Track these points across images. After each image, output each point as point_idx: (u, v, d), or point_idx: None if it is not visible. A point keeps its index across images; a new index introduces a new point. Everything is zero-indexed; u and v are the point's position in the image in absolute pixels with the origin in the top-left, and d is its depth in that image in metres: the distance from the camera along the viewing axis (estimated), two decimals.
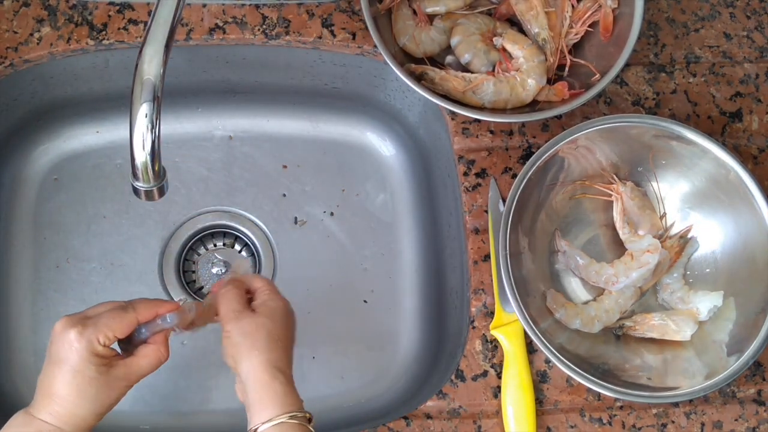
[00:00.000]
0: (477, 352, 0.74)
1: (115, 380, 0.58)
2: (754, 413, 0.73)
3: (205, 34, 0.81)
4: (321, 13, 0.82)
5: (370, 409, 0.83)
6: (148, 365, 0.60)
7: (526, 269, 0.72)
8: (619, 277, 0.73)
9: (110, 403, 0.59)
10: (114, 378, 0.58)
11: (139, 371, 0.60)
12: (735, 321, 0.71)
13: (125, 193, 0.88)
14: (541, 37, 0.77)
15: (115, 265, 0.87)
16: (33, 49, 0.79)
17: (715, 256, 0.75)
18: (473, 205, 0.78)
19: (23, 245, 0.86)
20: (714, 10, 0.85)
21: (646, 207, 0.76)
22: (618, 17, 0.77)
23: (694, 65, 0.83)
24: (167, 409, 0.83)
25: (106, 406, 0.58)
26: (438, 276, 0.87)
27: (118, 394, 0.59)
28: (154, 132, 0.56)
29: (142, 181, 0.58)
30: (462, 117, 0.80)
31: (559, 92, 0.76)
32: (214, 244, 0.90)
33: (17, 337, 0.84)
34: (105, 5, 0.81)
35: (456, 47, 0.79)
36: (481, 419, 0.72)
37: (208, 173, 0.91)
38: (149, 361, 0.60)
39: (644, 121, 0.72)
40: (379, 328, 0.87)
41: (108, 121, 0.90)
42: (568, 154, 0.73)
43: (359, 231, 0.90)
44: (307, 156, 0.92)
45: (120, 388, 0.59)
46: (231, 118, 0.93)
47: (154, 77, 0.56)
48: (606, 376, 0.67)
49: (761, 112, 0.82)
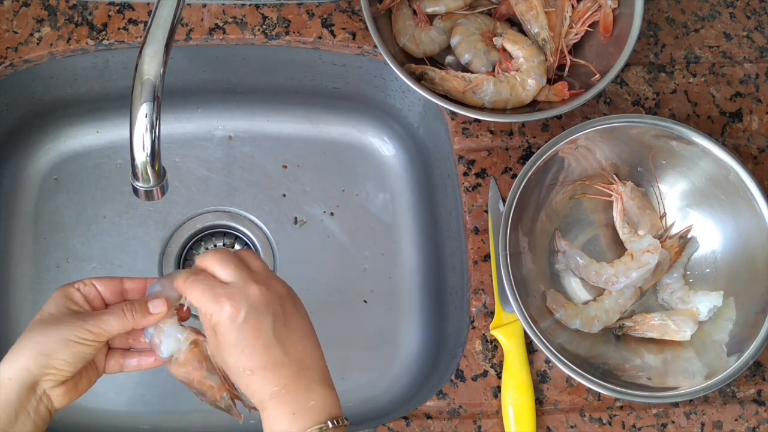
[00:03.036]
0: (477, 352, 0.74)
1: (75, 326, 0.55)
2: (754, 413, 0.73)
3: (205, 34, 0.81)
4: (321, 13, 0.82)
5: (370, 409, 0.83)
6: (115, 320, 0.56)
7: (526, 269, 0.72)
8: (619, 277, 0.73)
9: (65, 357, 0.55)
10: (74, 324, 0.55)
11: (103, 323, 0.56)
12: (735, 321, 0.71)
13: (125, 193, 0.88)
14: (541, 37, 0.77)
15: (115, 265, 0.87)
16: (33, 49, 0.79)
17: (715, 256, 0.75)
18: (473, 205, 0.78)
19: (23, 245, 0.87)
20: (714, 10, 0.85)
21: (646, 207, 0.76)
22: (618, 17, 0.77)
23: (694, 65, 0.83)
24: (167, 409, 0.83)
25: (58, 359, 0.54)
26: (438, 276, 0.87)
27: (78, 349, 0.55)
28: (154, 132, 0.56)
29: (142, 181, 0.58)
30: (462, 117, 0.80)
31: (559, 92, 0.76)
32: (214, 244, 0.90)
33: (17, 337, 0.83)
34: (105, 5, 0.81)
35: (456, 47, 0.79)
36: (481, 419, 0.72)
37: (208, 173, 0.91)
38: (116, 316, 0.57)
39: (644, 121, 0.72)
40: (379, 328, 0.87)
41: (108, 121, 0.90)
42: (568, 154, 0.73)
43: (359, 231, 0.90)
44: (307, 156, 0.92)
45: (81, 339, 0.55)
46: (231, 118, 0.93)
47: (154, 77, 0.56)
48: (606, 376, 0.67)
49: (761, 112, 0.82)
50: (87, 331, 0.55)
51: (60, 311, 0.57)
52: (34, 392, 0.55)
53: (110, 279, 0.60)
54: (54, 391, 0.56)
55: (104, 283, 0.60)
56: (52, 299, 0.57)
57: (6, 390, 0.54)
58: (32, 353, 0.54)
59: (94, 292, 0.59)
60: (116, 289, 0.60)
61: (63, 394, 0.56)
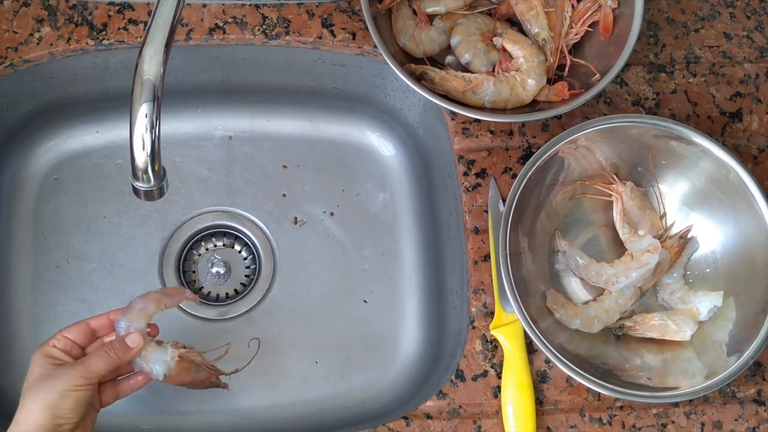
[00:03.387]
0: (477, 352, 0.74)
1: (67, 377, 0.60)
2: (754, 413, 0.73)
3: (205, 34, 0.81)
4: (321, 13, 0.82)
5: (370, 409, 0.83)
6: (101, 362, 0.62)
7: (526, 269, 0.72)
8: (619, 277, 0.73)
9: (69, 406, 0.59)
10: (66, 375, 0.60)
11: (91, 367, 0.61)
12: (735, 321, 0.71)
13: (125, 193, 0.88)
14: (541, 37, 0.77)
15: (115, 265, 0.87)
16: (33, 49, 0.79)
17: (715, 256, 0.75)
18: (473, 205, 0.78)
19: (23, 245, 0.86)
20: (714, 10, 0.85)
21: (646, 207, 0.76)
22: (618, 17, 0.77)
23: (694, 65, 0.83)
24: (167, 409, 0.83)
25: (63, 409, 0.59)
26: (438, 276, 0.87)
27: (76, 396, 0.60)
28: (154, 132, 0.56)
29: (142, 182, 0.58)
30: (462, 117, 0.80)
31: (559, 92, 0.76)
32: (214, 244, 0.90)
33: (17, 337, 0.84)
34: (105, 5, 0.81)
35: (456, 47, 0.79)
36: (481, 419, 0.72)
37: (208, 173, 0.91)
38: (101, 358, 0.62)
39: (644, 121, 0.72)
40: (379, 328, 0.87)
41: (108, 121, 0.90)
42: (568, 154, 0.73)
43: (359, 231, 0.90)
44: (307, 156, 0.92)
45: (76, 387, 0.60)
46: (231, 118, 0.93)
47: (154, 77, 0.56)
48: (606, 376, 0.67)
49: (761, 112, 0.82)
50: (80, 378, 0.60)
51: (47, 370, 0.61)
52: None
53: (77, 325, 0.65)
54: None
55: (73, 332, 0.65)
56: (34, 363, 0.62)
57: None
58: (39, 411, 0.59)
59: (68, 343, 0.64)
60: (86, 332, 0.65)
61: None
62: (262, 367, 0.84)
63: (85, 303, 0.85)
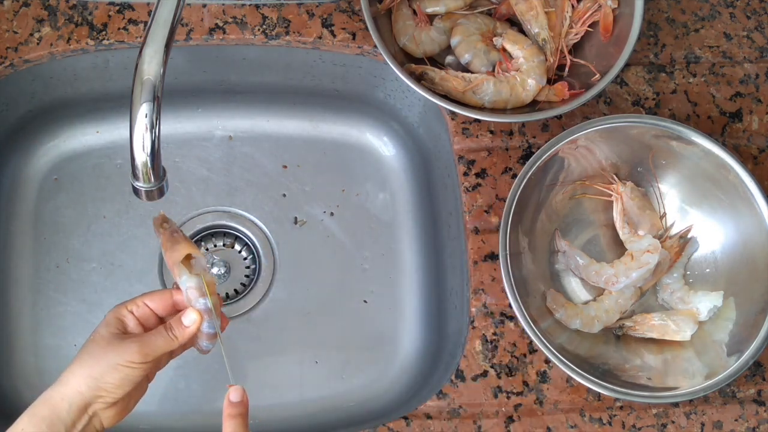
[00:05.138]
0: (477, 352, 0.74)
1: (123, 351, 0.56)
2: (754, 413, 0.73)
3: (205, 34, 0.81)
4: (321, 13, 0.82)
5: (370, 409, 0.83)
6: (161, 341, 0.58)
7: (526, 269, 0.73)
8: (619, 277, 0.73)
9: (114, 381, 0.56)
10: (122, 349, 0.57)
11: (152, 345, 0.58)
12: (735, 321, 0.71)
13: (125, 193, 0.88)
14: (541, 37, 0.77)
15: (115, 265, 0.87)
16: (33, 49, 0.79)
17: (715, 256, 0.75)
18: (473, 205, 0.78)
19: (23, 245, 0.86)
20: (714, 10, 0.85)
21: (646, 207, 0.76)
22: (618, 17, 0.77)
23: (694, 65, 0.83)
24: (167, 409, 0.83)
25: (108, 382, 0.56)
26: (438, 276, 0.87)
27: (126, 372, 0.56)
28: (154, 132, 0.56)
29: (142, 181, 0.58)
30: (462, 117, 0.80)
31: (559, 92, 0.76)
32: (214, 244, 0.90)
33: (17, 337, 0.84)
34: (105, 5, 0.81)
35: (456, 47, 0.79)
36: (481, 419, 0.72)
37: (208, 173, 0.91)
38: (162, 338, 0.58)
39: (644, 121, 0.72)
40: (379, 328, 0.87)
41: (108, 121, 0.90)
42: (568, 154, 0.73)
43: (359, 231, 0.90)
44: (307, 156, 0.92)
45: (129, 363, 0.56)
46: (231, 118, 0.93)
47: (154, 77, 0.56)
48: (606, 376, 0.67)
49: (761, 112, 0.82)
50: (135, 354, 0.57)
51: (111, 334, 0.58)
52: (86, 412, 0.57)
53: (160, 293, 0.61)
54: (105, 413, 0.58)
55: (156, 300, 0.61)
56: (105, 321, 0.59)
57: (58, 408, 0.56)
58: (83, 377, 0.56)
59: (147, 312, 0.60)
60: (167, 304, 0.61)
61: (113, 414, 0.59)
62: (262, 367, 0.84)
63: (85, 303, 0.85)
